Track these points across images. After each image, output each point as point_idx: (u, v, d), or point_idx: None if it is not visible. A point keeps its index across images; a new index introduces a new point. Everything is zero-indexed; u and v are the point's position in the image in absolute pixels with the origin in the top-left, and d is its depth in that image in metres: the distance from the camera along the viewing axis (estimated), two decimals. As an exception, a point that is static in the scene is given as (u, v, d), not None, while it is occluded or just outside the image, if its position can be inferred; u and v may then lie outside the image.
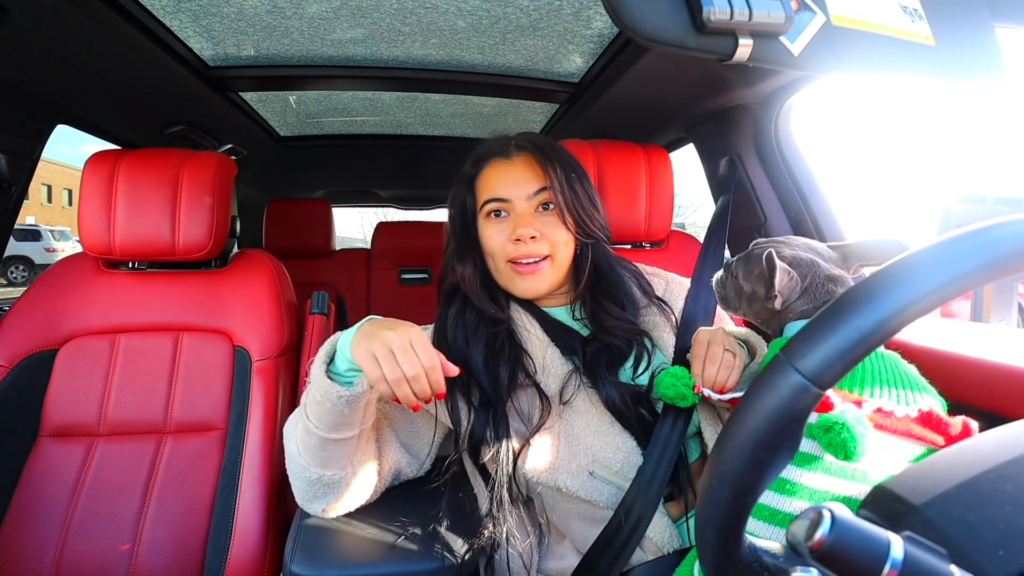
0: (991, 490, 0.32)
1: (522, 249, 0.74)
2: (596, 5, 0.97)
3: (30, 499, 0.92)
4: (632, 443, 0.69)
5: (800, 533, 0.28)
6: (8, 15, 0.83)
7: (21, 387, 0.97)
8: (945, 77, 0.46)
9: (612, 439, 0.69)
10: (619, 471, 0.68)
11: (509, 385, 0.71)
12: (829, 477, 0.52)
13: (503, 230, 0.75)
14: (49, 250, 11.49)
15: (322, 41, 1.14)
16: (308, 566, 0.64)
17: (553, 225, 0.75)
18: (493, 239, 0.76)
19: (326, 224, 2.14)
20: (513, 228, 0.74)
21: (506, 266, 0.75)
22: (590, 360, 0.73)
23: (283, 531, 0.96)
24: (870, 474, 0.50)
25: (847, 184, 31.27)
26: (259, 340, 1.05)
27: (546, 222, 0.75)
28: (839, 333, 0.30)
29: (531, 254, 0.74)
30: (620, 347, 0.75)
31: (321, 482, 0.66)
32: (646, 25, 0.38)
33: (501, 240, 0.75)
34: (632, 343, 0.77)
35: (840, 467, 0.51)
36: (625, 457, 0.68)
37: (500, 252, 0.75)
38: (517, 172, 0.77)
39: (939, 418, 0.50)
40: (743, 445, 0.31)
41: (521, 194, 0.75)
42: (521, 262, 0.74)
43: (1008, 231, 0.30)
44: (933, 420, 0.51)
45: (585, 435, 0.69)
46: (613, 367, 0.74)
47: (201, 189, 1.04)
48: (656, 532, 0.66)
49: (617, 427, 0.70)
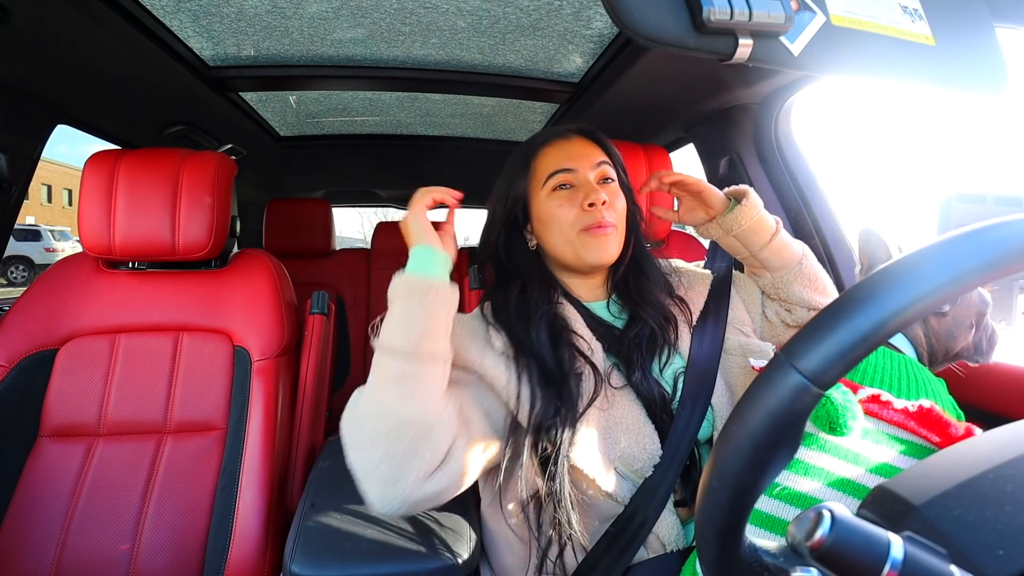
0: (991, 490, 0.32)
1: (596, 215, 0.73)
2: (596, 5, 0.97)
3: (30, 499, 0.92)
4: (657, 441, 0.69)
5: (800, 533, 0.28)
6: (8, 15, 0.83)
7: (21, 387, 0.97)
8: (945, 77, 0.46)
9: (640, 437, 0.69)
10: (639, 468, 0.68)
11: (571, 366, 0.71)
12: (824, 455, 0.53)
13: (572, 201, 0.75)
14: (49, 250, 11.49)
15: (322, 41, 1.14)
16: (308, 566, 0.64)
17: (615, 195, 0.77)
18: (563, 209, 0.75)
19: (326, 224, 2.14)
20: (584, 195, 0.74)
21: (578, 235, 0.75)
22: (629, 348, 0.74)
23: (283, 531, 0.96)
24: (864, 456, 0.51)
25: (847, 184, 31.29)
26: (259, 340, 1.05)
27: (610, 191, 0.76)
28: (839, 333, 0.30)
29: (604, 221, 0.74)
30: (654, 331, 0.76)
31: (413, 427, 0.57)
32: (646, 25, 0.38)
33: (572, 210, 0.75)
34: (665, 328, 0.77)
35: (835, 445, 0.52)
36: (648, 456, 0.68)
37: (572, 222, 0.75)
38: (577, 147, 0.78)
39: (939, 416, 0.51)
40: (743, 445, 0.31)
41: (586, 164, 0.76)
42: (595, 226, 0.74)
43: (1008, 231, 0.30)
44: (932, 418, 0.51)
45: (617, 429, 0.69)
46: (651, 356, 0.75)
47: (201, 189, 1.04)
48: (663, 529, 0.66)
49: (649, 425, 0.70)
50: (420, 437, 0.58)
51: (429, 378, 0.61)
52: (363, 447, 0.59)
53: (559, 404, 0.67)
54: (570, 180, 0.76)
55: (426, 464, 0.58)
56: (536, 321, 0.72)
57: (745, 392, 0.32)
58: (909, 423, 0.52)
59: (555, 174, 0.76)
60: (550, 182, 0.76)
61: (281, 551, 0.71)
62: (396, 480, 0.57)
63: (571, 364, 0.71)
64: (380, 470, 0.57)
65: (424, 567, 0.65)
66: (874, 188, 33.36)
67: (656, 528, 0.66)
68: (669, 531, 0.66)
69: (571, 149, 0.78)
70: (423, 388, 0.60)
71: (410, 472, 0.57)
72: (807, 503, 0.52)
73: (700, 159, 1.45)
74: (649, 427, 0.70)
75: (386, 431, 0.57)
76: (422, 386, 0.60)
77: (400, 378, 0.60)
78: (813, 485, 0.52)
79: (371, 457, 0.57)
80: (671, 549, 0.66)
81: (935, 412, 0.51)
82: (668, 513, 0.67)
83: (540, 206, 0.77)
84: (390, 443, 0.57)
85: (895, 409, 0.52)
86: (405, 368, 0.60)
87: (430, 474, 0.58)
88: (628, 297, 0.80)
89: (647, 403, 0.71)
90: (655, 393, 0.72)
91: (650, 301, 0.78)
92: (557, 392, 0.68)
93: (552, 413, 0.67)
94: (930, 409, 0.51)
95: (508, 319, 0.74)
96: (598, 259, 0.75)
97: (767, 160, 1.24)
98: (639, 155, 1.19)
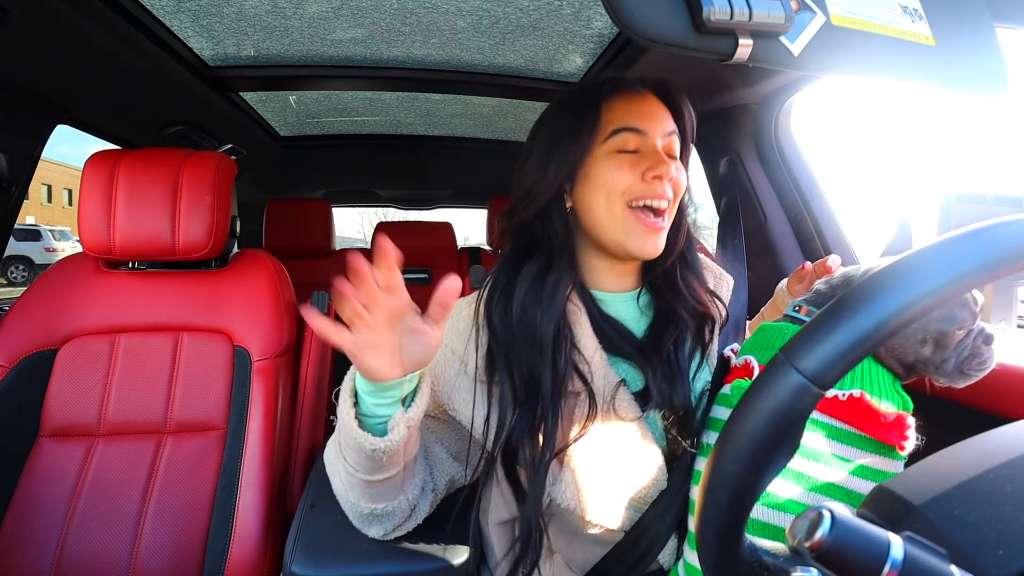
0: (991, 490, 0.32)
1: (656, 188, 0.62)
2: (596, 5, 0.97)
3: (30, 499, 0.92)
4: (663, 466, 0.61)
5: (800, 533, 0.28)
6: (8, 15, 0.83)
7: (21, 387, 0.97)
8: (945, 77, 0.46)
9: (647, 460, 0.61)
10: (643, 496, 0.60)
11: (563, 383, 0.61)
12: None
13: (634, 166, 0.63)
14: (49, 250, 11.50)
15: (322, 41, 1.14)
16: (308, 566, 0.64)
17: (679, 172, 0.65)
18: (621, 173, 0.62)
19: (326, 224, 2.14)
20: (651, 165, 0.62)
21: (626, 212, 0.63)
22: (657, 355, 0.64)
23: (283, 531, 0.96)
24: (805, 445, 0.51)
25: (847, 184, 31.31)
26: (259, 340, 1.05)
27: (676, 168, 0.65)
28: (839, 333, 0.30)
29: (663, 196, 0.63)
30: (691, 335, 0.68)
31: (374, 515, 0.63)
32: (646, 25, 0.38)
33: (631, 176, 0.62)
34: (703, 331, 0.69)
35: None
36: (654, 483, 0.60)
37: (626, 191, 0.63)
38: (651, 106, 0.66)
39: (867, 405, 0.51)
40: (743, 446, 0.31)
41: (658, 130, 0.64)
42: (651, 205, 0.63)
43: (1008, 231, 0.30)
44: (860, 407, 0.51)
45: (616, 457, 0.60)
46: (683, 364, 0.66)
47: (201, 189, 1.04)
48: (665, 555, 0.61)
49: (659, 444, 0.62)
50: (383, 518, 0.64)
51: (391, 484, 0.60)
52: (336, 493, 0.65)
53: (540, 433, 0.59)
54: (636, 144, 0.64)
55: (392, 524, 0.65)
56: (546, 312, 0.61)
57: (745, 392, 0.32)
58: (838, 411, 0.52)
59: (621, 131, 0.63)
60: (613, 140, 0.63)
61: (281, 551, 0.71)
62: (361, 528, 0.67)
63: (564, 381, 0.60)
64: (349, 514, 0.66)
65: (424, 567, 0.65)
66: (874, 188, 33.40)
67: None
68: (668, 554, 0.62)
69: (644, 106, 0.65)
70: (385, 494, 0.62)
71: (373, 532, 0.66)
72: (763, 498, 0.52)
73: (700, 159, 1.45)
74: (658, 448, 0.61)
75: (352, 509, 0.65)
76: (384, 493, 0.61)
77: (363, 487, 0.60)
78: None
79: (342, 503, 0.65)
80: (667, 567, 0.62)
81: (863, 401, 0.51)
82: None
83: (595, 164, 0.64)
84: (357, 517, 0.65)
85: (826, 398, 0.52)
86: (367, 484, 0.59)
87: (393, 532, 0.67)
88: (667, 292, 0.69)
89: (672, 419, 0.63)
90: (687, 408, 0.62)
91: (689, 297, 0.68)
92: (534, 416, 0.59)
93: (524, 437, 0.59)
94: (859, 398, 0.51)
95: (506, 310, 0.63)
96: (642, 251, 0.64)
97: (767, 160, 1.24)
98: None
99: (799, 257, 1.21)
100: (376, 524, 0.65)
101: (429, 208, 3.09)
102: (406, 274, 0.53)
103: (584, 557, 0.63)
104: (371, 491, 0.60)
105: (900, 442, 0.49)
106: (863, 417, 0.51)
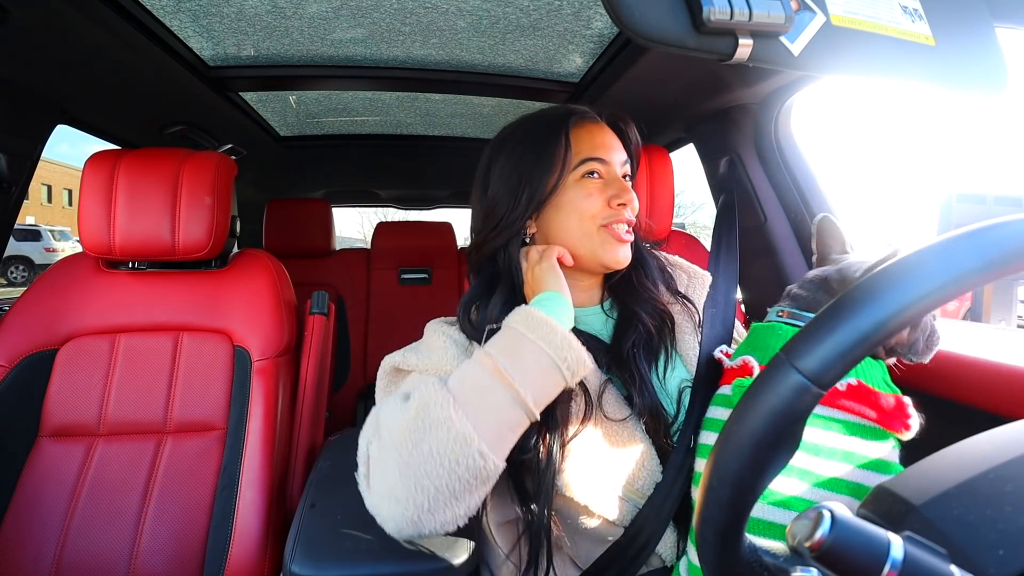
0: (991, 490, 0.32)
1: (622, 213, 0.68)
2: (596, 5, 0.97)
3: (30, 499, 0.92)
4: (656, 459, 0.65)
5: (800, 533, 0.28)
6: (8, 15, 0.83)
7: (21, 387, 0.97)
8: (945, 77, 0.46)
9: (640, 454, 0.64)
10: (640, 488, 0.63)
11: None
12: None
13: (601, 192, 0.69)
14: (49, 250, 11.50)
15: (322, 41, 1.14)
16: (308, 566, 0.63)
17: (635, 196, 0.71)
18: (591, 199, 0.68)
19: (326, 224, 2.13)
20: (616, 192, 0.68)
21: (600, 231, 0.69)
22: (627, 359, 0.68)
23: (283, 531, 0.96)
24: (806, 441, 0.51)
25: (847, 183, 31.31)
26: (259, 340, 1.05)
27: (632, 192, 0.71)
28: (839, 333, 0.30)
29: (629, 219, 0.70)
30: (651, 333, 0.71)
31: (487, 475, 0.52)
32: (646, 25, 0.38)
33: (599, 202, 0.69)
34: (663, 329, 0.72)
35: None
36: (648, 475, 0.64)
37: (595, 215, 0.68)
38: (610, 137, 0.73)
39: (868, 389, 0.52)
40: (743, 445, 0.31)
41: (616, 158, 0.71)
42: (620, 227, 0.69)
43: (1008, 231, 0.30)
44: (862, 392, 0.52)
45: (612, 450, 0.64)
46: (649, 363, 0.69)
47: (201, 189, 1.04)
48: (664, 547, 0.63)
49: (648, 440, 0.65)
50: (487, 486, 0.53)
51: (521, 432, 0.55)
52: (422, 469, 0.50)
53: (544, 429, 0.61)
54: (601, 171, 0.70)
55: (471, 510, 0.53)
56: None
57: (745, 392, 0.32)
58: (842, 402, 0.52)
59: (588, 161, 0.69)
60: (582, 168, 0.69)
61: (281, 551, 0.71)
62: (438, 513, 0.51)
63: None
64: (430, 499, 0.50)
65: (424, 568, 0.65)
66: (874, 188, 33.46)
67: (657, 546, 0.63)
68: (669, 548, 0.64)
69: (605, 137, 0.72)
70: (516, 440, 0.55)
71: (457, 512, 0.51)
72: None
73: (700, 159, 1.45)
74: (647, 444, 0.65)
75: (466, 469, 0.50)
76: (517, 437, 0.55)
77: (510, 426, 0.54)
78: None
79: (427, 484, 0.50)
80: (670, 564, 0.64)
81: (863, 387, 0.52)
82: (668, 529, 0.64)
83: (566, 191, 0.69)
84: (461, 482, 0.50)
85: None
86: (520, 422, 0.54)
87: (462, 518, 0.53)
88: (625, 296, 0.75)
89: (646, 419, 0.66)
90: (655, 409, 0.66)
91: (647, 299, 0.73)
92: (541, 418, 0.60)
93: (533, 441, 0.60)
94: (858, 385, 0.52)
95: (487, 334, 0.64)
96: (616, 261, 0.70)
97: (767, 160, 1.24)
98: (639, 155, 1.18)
99: (799, 257, 1.21)
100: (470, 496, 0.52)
101: (429, 208, 3.09)
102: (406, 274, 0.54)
103: (587, 554, 0.64)
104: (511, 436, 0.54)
105: (905, 423, 0.50)
106: (867, 401, 0.51)
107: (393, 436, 0.52)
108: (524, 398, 0.52)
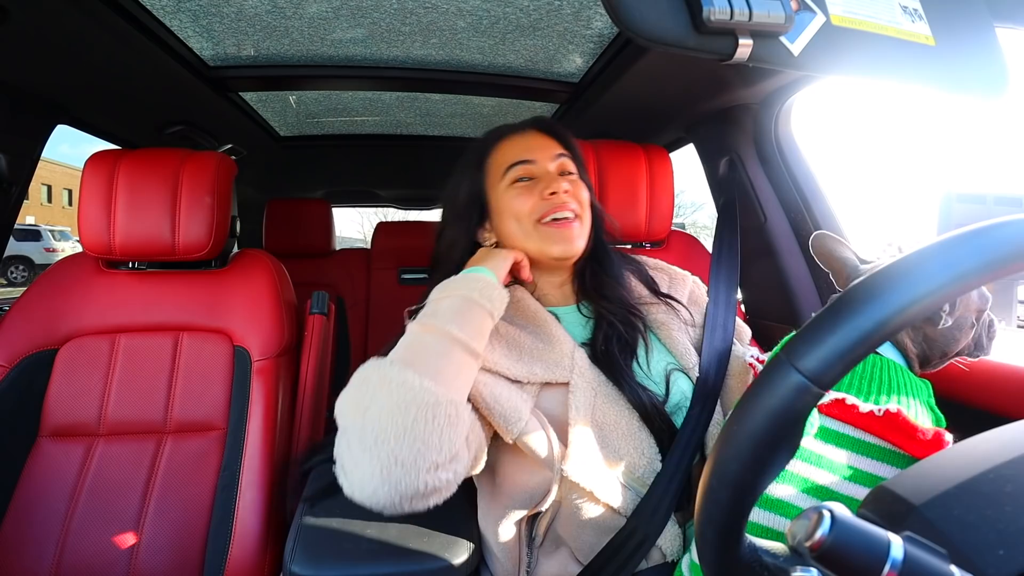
0: (991, 490, 0.32)
1: (556, 201, 0.71)
2: (596, 5, 0.97)
3: (30, 499, 0.92)
4: (655, 448, 0.67)
5: (800, 533, 0.28)
6: (8, 15, 0.83)
7: (21, 387, 0.97)
8: (945, 77, 0.46)
9: (639, 442, 0.66)
10: (641, 476, 0.65)
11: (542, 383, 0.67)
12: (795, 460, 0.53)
13: (532, 191, 0.73)
14: (49, 250, 11.49)
15: (322, 41, 1.14)
16: (308, 566, 0.63)
17: (577, 185, 0.75)
18: (521, 199, 0.73)
19: (326, 224, 2.13)
20: (545, 185, 0.72)
21: (537, 228, 0.72)
22: (604, 354, 0.70)
23: (283, 531, 0.96)
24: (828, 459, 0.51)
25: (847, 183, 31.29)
26: (259, 340, 1.05)
27: (571, 182, 0.74)
28: (840, 333, 0.30)
29: (564, 207, 0.72)
30: (621, 331, 0.73)
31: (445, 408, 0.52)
32: (646, 25, 0.38)
33: (531, 199, 0.72)
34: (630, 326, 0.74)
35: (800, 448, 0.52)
36: (648, 463, 0.66)
37: (530, 212, 0.72)
38: (534, 139, 0.77)
39: (905, 421, 0.50)
40: (743, 445, 0.31)
41: (546, 155, 0.75)
42: (557, 217, 0.72)
43: (1008, 231, 0.30)
44: (898, 422, 0.51)
45: (614, 437, 0.66)
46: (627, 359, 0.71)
47: (201, 189, 1.04)
48: (664, 539, 0.64)
49: (645, 430, 0.67)
50: (451, 422, 0.52)
51: (470, 371, 0.59)
52: (377, 425, 0.50)
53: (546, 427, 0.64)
54: (530, 172, 0.74)
55: (443, 453, 0.52)
56: None
57: (745, 391, 0.32)
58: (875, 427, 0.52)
59: (514, 166, 0.74)
60: (509, 174, 0.74)
61: (281, 551, 0.71)
62: (409, 465, 0.50)
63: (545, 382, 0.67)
64: (393, 452, 0.49)
65: (424, 567, 0.65)
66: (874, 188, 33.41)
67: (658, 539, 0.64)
68: (670, 541, 0.65)
69: (528, 141, 0.77)
70: (466, 376, 0.58)
71: (427, 458, 0.50)
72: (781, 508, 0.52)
73: (700, 159, 1.45)
74: (644, 432, 0.67)
75: (417, 407, 0.51)
76: (466, 374, 0.58)
77: (446, 357, 0.56)
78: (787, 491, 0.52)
79: (385, 436, 0.50)
80: (671, 559, 0.65)
81: (901, 417, 0.51)
82: (669, 523, 0.65)
83: (499, 200, 0.75)
84: (417, 422, 0.50)
85: (860, 413, 0.52)
86: (453, 353, 0.57)
87: (440, 466, 0.52)
88: (592, 295, 0.77)
89: (638, 409, 0.68)
90: (642, 398, 0.68)
91: (611, 298, 0.75)
92: None
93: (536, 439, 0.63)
94: (896, 414, 0.51)
95: None
96: (563, 252, 0.73)
97: (767, 160, 1.24)
98: (639, 155, 1.18)
99: (799, 257, 1.21)
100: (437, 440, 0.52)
101: (429, 208, 3.09)
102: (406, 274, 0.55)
103: (590, 547, 0.66)
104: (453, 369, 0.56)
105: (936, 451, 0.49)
106: (900, 433, 0.50)
107: (345, 416, 0.53)
108: (448, 330, 0.58)
